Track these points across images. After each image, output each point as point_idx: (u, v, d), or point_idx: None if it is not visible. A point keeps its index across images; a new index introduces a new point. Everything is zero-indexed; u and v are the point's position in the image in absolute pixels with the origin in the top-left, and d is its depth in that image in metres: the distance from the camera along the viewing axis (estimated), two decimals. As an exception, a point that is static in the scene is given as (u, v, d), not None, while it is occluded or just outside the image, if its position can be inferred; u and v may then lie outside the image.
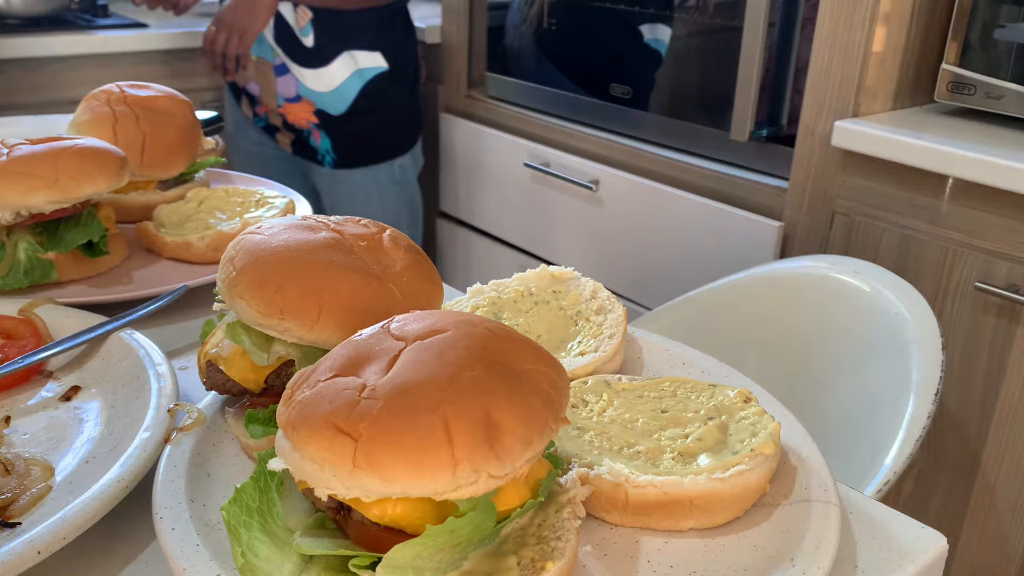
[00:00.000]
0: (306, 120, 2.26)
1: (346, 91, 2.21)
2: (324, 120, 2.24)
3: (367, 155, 2.33)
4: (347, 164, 2.32)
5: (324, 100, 2.21)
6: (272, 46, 2.18)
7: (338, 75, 2.19)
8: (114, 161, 0.96)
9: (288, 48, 2.17)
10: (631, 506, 0.59)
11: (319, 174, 2.36)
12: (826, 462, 0.64)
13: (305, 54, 2.17)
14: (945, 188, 1.49)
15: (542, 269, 0.86)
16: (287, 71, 2.20)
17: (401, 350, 0.51)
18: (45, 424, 0.71)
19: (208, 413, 0.68)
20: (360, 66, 2.21)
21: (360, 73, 2.21)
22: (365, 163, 2.33)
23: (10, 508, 0.60)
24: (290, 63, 2.18)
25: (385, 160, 2.35)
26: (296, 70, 2.19)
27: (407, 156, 2.39)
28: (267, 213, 1.06)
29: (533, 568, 0.51)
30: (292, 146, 2.35)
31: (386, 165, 2.35)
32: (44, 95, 2.36)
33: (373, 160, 2.34)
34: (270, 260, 0.65)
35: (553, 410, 0.51)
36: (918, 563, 0.59)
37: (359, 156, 2.32)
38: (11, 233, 0.93)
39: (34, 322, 0.81)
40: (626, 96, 2.07)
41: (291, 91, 2.23)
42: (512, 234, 2.46)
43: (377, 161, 2.34)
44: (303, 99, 2.23)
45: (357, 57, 2.20)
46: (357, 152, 2.32)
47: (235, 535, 0.51)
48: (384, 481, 0.46)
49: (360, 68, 2.21)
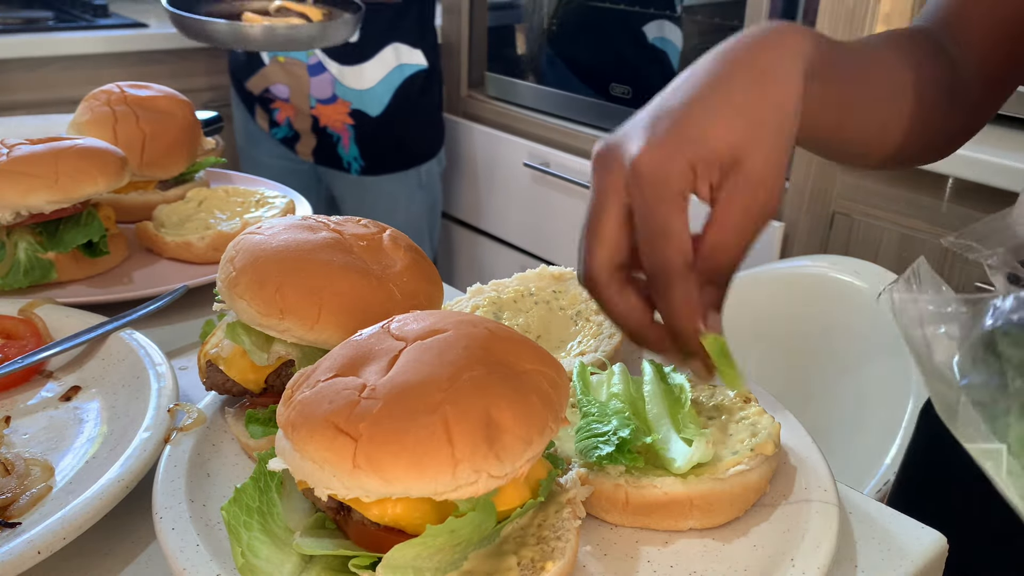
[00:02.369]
0: (340, 122, 2.22)
1: (385, 87, 2.18)
2: (359, 121, 2.21)
3: (395, 161, 2.30)
4: (374, 171, 2.29)
5: (362, 99, 2.18)
6: None
7: (379, 70, 2.16)
8: (114, 161, 0.96)
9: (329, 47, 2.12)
10: (631, 506, 0.59)
11: (342, 182, 2.32)
12: (826, 462, 0.64)
13: (347, 50, 2.13)
14: (945, 188, 1.49)
15: (542, 269, 0.86)
16: (323, 70, 2.16)
17: (401, 350, 0.51)
18: (45, 424, 0.71)
19: (208, 413, 0.68)
20: (402, 61, 2.18)
21: (401, 69, 2.18)
22: (393, 169, 2.30)
23: (10, 508, 0.60)
24: (328, 61, 2.15)
25: (413, 166, 2.32)
26: (334, 68, 2.15)
27: (434, 160, 2.37)
28: (267, 213, 1.06)
29: (533, 568, 0.51)
30: (314, 154, 2.31)
31: (414, 171, 2.32)
32: (44, 95, 2.36)
33: (401, 166, 2.31)
34: (270, 260, 0.65)
35: (553, 410, 0.51)
36: (918, 563, 0.59)
37: (387, 162, 2.29)
38: (11, 233, 0.93)
39: (34, 322, 0.81)
40: (626, 96, 2.07)
41: (327, 92, 2.19)
42: (512, 234, 2.46)
43: (406, 167, 2.31)
44: (339, 99, 2.19)
45: (400, 51, 2.17)
46: (385, 158, 2.28)
47: (235, 535, 0.51)
48: (384, 481, 0.46)
49: (402, 63, 2.18)
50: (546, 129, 2.27)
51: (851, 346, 1.32)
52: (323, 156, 2.30)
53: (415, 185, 2.34)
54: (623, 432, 0.59)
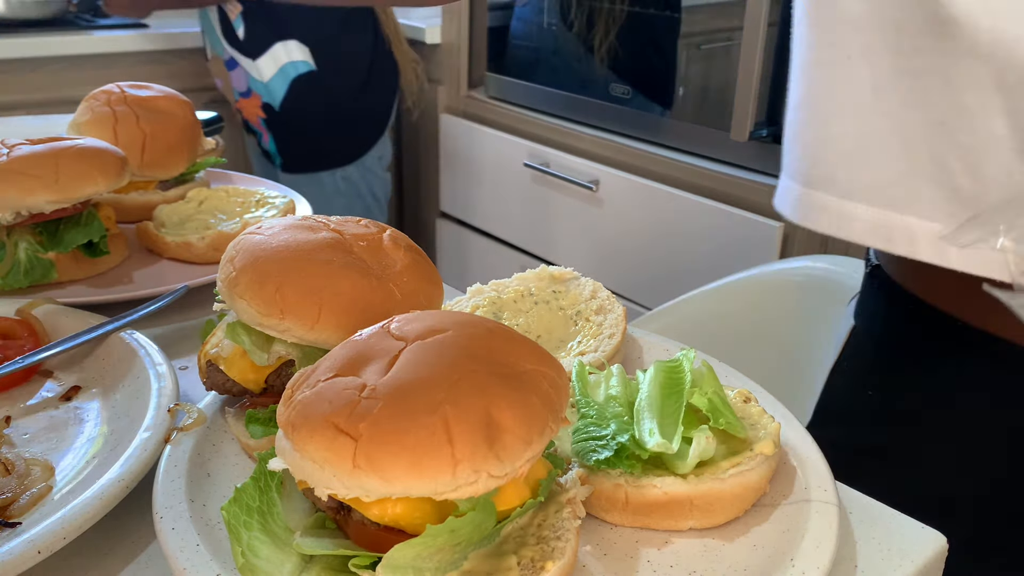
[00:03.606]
0: (256, 116, 2.24)
1: (279, 82, 2.18)
2: (270, 116, 2.22)
3: (309, 160, 2.29)
4: (293, 168, 2.29)
5: (267, 91, 2.19)
6: (220, 40, 2.17)
7: (271, 64, 2.16)
8: (114, 161, 0.96)
9: (232, 41, 2.17)
10: (631, 506, 0.59)
11: (280, 177, 2.33)
12: (826, 462, 0.64)
13: (244, 43, 2.16)
14: (945, 188, 1.48)
15: (542, 269, 0.86)
16: (236, 64, 2.19)
17: (401, 350, 0.51)
18: (45, 424, 0.71)
19: (208, 413, 0.68)
20: (292, 58, 2.16)
21: (295, 65, 2.17)
22: (308, 168, 2.28)
23: (10, 508, 0.60)
24: (237, 54, 2.17)
25: (327, 168, 2.29)
26: (244, 61, 2.17)
27: (351, 167, 2.31)
28: (267, 213, 1.06)
29: (533, 568, 0.51)
30: (259, 147, 2.36)
31: (328, 174, 2.29)
32: (44, 95, 2.36)
33: (315, 167, 2.29)
34: (270, 260, 0.65)
35: (553, 410, 0.51)
36: (918, 563, 0.59)
37: (302, 160, 2.28)
38: (11, 233, 0.93)
39: (31, 323, 0.81)
40: (626, 96, 2.07)
41: (243, 84, 2.21)
42: (512, 234, 2.46)
43: (319, 168, 2.29)
44: (253, 92, 2.21)
45: (289, 48, 2.15)
46: (299, 155, 2.28)
47: (235, 535, 0.51)
48: (384, 481, 0.46)
49: (293, 60, 2.16)
50: (546, 129, 2.27)
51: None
52: (261, 150, 2.34)
53: (332, 190, 2.30)
54: (621, 437, 0.59)
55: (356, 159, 2.32)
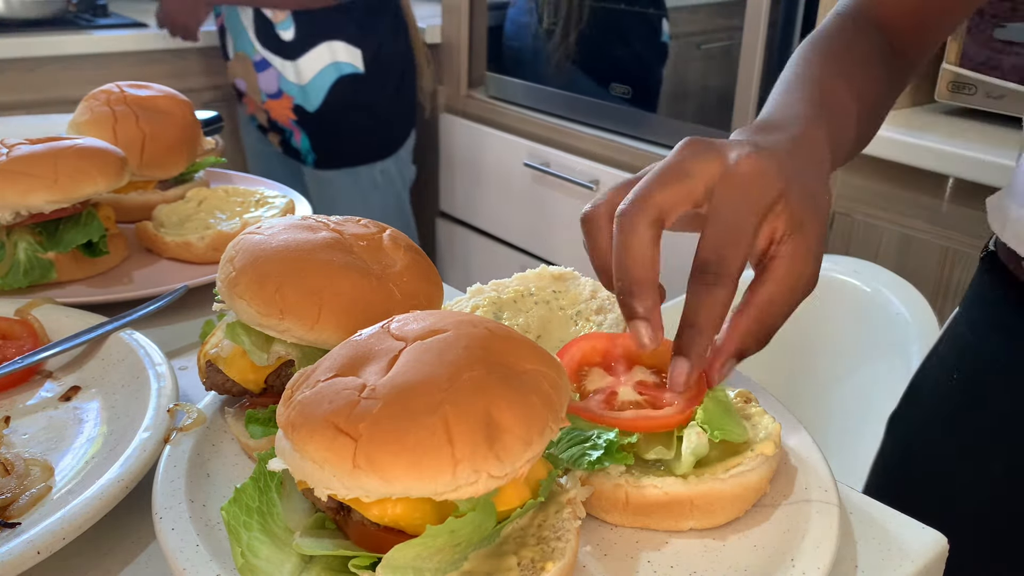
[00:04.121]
0: (286, 117, 2.26)
1: (321, 83, 2.20)
2: (302, 117, 2.24)
3: (345, 156, 2.32)
4: (327, 165, 2.32)
5: (303, 94, 2.21)
6: (252, 42, 2.18)
7: (314, 66, 2.18)
8: (114, 161, 0.96)
9: (268, 42, 2.17)
10: (631, 506, 0.58)
11: (307, 174, 2.37)
12: (826, 462, 0.64)
13: (285, 45, 2.17)
14: (945, 188, 1.49)
15: (542, 269, 0.86)
16: (268, 66, 2.20)
17: (401, 350, 0.51)
18: (45, 424, 0.71)
19: (208, 413, 0.68)
20: (337, 59, 2.19)
21: (337, 66, 2.19)
22: (344, 164, 2.32)
23: (10, 508, 0.60)
24: (271, 56, 2.18)
25: (365, 163, 2.33)
26: (278, 63, 2.18)
27: (389, 161, 2.37)
28: (267, 213, 1.06)
29: (533, 568, 0.51)
30: (281, 146, 2.36)
31: (366, 168, 2.33)
32: (44, 95, 2.36)
33: (353, 162, 2.32)
34: (270, 260, 0.65)
35: (553, 410, 0.51)
36: (918, 563, 0.59)
37: (338, 157, 2.31)
38: (11, 233, 0.93)
39: (30, 323, 0.81)
40: (626, 96, 2.07)
41: (273, 86, 2.23)
42: (512, 234, 2.46)
43: (356, 163, 2.32)
44: (284, 94, 2.22)
45: (336, 49, 2.18)
46: (335, 152, 2.31)
47: (235, 535, 0.51)
48: (384, 481, 0.46)
49: (337, 61, 2.19)
50: (546, 129, 2.27)
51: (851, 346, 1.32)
52: (286, 148, 2.35)
53: (368, 184, 2.35)
54: (608, 434, 0.59)
55: (393, 153, 2.39)
